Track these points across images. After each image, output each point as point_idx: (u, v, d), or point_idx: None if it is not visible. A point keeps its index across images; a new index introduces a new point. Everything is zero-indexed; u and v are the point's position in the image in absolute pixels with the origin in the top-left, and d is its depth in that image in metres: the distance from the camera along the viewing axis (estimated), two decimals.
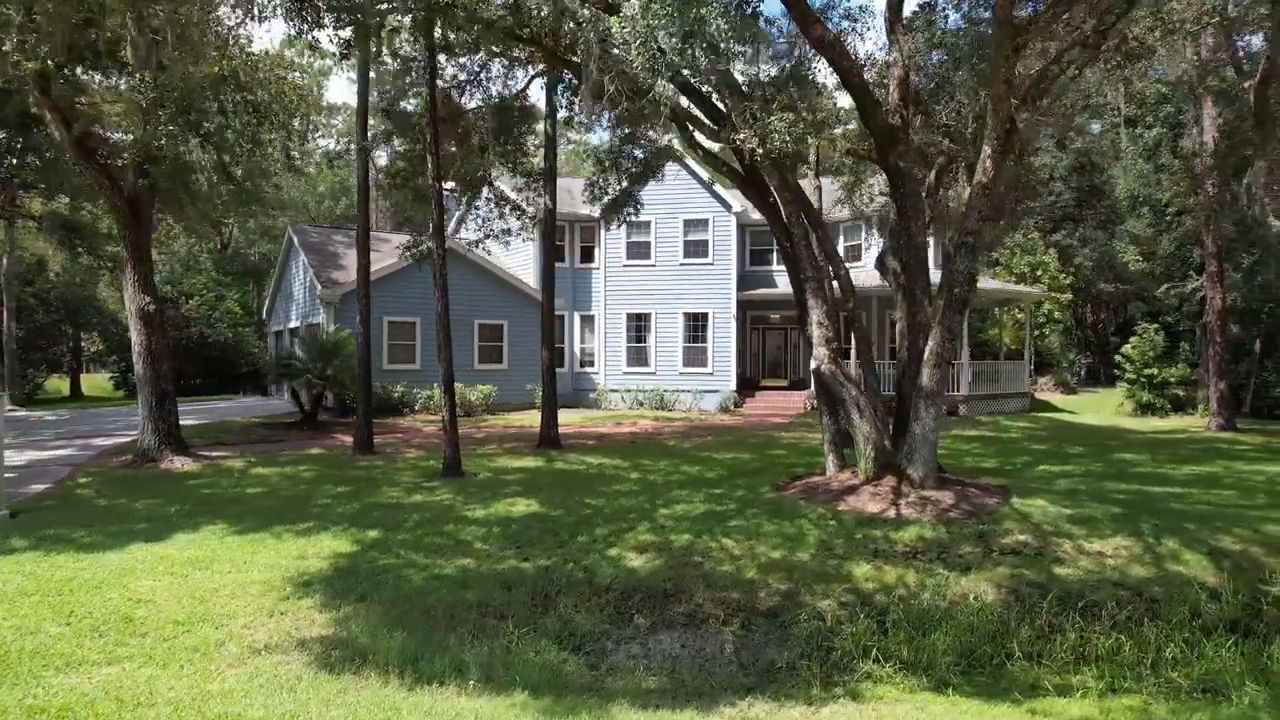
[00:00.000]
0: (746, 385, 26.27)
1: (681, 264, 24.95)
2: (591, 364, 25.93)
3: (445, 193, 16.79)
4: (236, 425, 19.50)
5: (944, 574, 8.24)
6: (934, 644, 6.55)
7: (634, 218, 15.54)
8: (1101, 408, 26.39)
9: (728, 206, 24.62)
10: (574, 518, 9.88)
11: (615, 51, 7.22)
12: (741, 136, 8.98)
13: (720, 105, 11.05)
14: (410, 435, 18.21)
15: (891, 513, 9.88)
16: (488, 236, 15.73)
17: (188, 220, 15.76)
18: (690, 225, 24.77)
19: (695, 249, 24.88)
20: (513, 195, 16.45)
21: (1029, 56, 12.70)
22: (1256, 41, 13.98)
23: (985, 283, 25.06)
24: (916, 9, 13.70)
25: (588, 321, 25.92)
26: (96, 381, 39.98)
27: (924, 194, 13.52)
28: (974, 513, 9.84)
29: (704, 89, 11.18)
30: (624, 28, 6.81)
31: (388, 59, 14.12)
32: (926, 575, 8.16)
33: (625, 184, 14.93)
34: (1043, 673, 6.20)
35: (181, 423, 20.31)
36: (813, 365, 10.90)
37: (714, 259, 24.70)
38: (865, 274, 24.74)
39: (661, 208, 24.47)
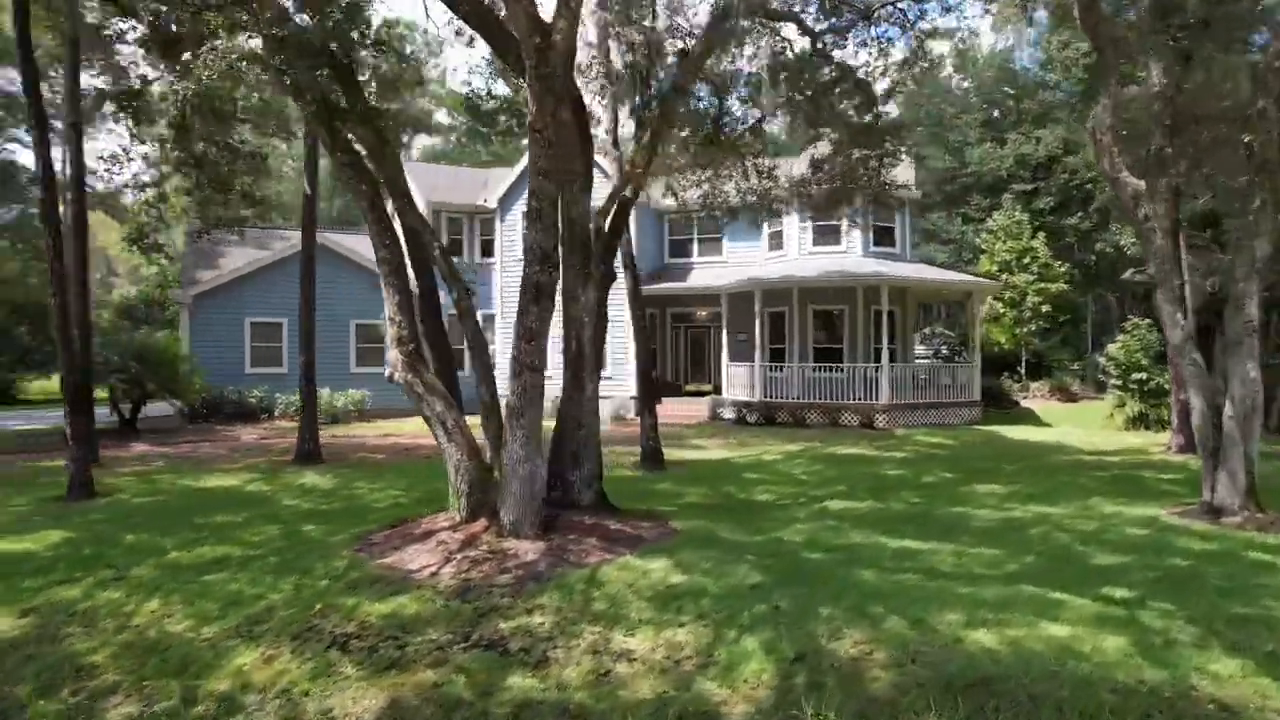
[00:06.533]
0: (665, 390, 23.51)
1: None
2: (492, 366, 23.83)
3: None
4: (48, 432, 18.57)
5: (349, 674, 5.71)
6: None
7: None
8: (1093, 420, 21.98)
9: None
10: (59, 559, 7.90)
11: None
12: None
13: None
14: (220, 443, 16.76)
15: (431, 570, 7.36)
16: (224, 227, 13.99)
17: None
18: None
19: None
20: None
21: None
22: None
23: (924, 272, 21.18)
24: None
25: (488, 321, 23.87)
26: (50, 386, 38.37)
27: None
28: (535, 578, 7.14)
29: None
30: None
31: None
32: (313, 678, 5.67)
33: None
34: None
35: (6, 427, 19.81)
36: (385, 371, 8.48)
37: None
38: (784, 264, 21.72)
39: None
